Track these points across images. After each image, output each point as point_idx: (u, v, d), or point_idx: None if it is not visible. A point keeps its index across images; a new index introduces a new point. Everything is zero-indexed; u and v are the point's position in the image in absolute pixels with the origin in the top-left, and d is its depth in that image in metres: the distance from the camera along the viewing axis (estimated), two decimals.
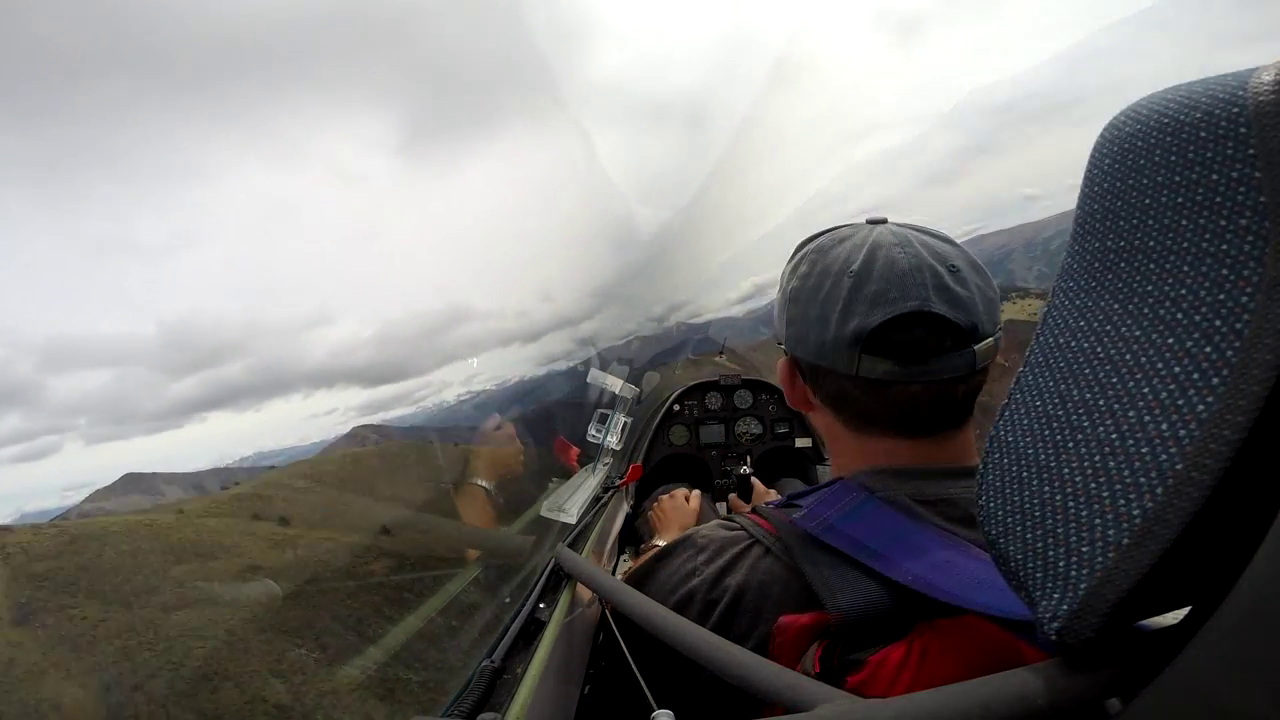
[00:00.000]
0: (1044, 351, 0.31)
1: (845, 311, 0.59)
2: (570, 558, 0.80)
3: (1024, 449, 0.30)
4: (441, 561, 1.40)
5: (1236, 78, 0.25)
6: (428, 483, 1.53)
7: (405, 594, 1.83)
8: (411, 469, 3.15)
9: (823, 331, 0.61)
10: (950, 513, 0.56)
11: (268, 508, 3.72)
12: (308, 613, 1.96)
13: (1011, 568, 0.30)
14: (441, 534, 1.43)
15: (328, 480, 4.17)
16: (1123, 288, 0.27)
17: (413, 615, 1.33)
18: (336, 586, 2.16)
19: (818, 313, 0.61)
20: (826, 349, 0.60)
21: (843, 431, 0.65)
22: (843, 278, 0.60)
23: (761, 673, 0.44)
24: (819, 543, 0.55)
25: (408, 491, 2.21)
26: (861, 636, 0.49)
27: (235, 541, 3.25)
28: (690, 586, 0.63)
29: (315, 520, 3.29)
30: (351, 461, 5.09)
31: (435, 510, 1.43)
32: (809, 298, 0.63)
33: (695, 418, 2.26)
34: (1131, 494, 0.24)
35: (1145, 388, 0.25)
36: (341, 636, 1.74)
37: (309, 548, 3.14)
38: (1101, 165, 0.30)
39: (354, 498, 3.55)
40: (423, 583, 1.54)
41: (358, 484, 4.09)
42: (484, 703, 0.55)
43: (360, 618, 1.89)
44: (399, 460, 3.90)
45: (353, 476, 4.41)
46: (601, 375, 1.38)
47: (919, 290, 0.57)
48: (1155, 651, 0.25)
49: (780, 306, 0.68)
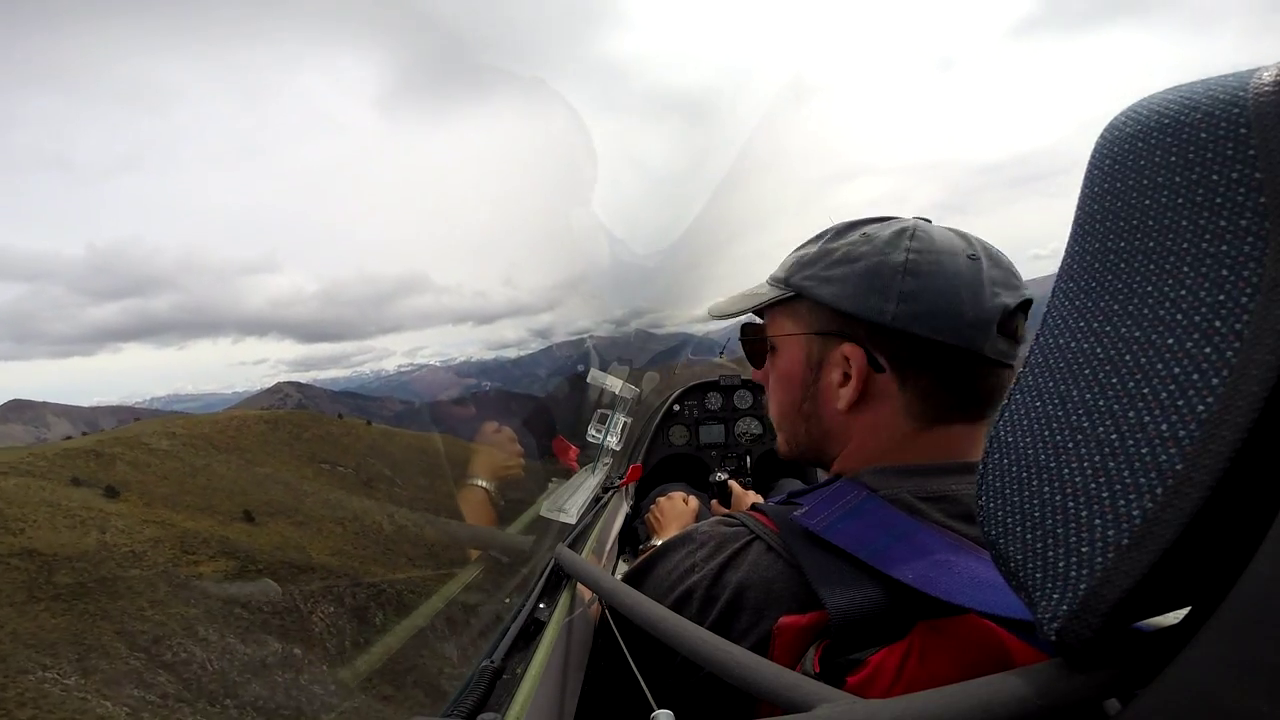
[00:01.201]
0: (1044, 352, 0.31)
1: (983, 289, 0.59)
2: (570, 558, 0.80)
3: (1024, 449, 0.30)
4: (299, 570, 1.38)
5: (1237, 78, 0.25)
6: (330, 463, 1.51)
7: (218, 613, 1.78)
8: (317, 444, 3.06)
9: (959, 308, 0.59)
10: (951, 510, 0.56)
11: (103, 471, 3.57)
12: (74, 624, 1.89)
13: (1011, 568, 0.30)
14: (311, 531, 1.41)
15: (212, 442, 4.06)
16: (1122, 288, 0.27)
17: (412, 615, 1.34)
18: (125, 594, 2.11)
19: (949, 287, 0.59)
20: (965, 325, 0.59)
21: (903, 425, 0.62)
22: (962, 258, 0.60)
23: (761, 672, 0.44)
24: (819, 540, 0.55)
25: (302, 470, 2.14)
26: (862, 636, 0.49)
27: (21, 514, 3.15)
28: (690, 583, 0.63)
29: (158, 495, 3.17)
30: (250, 424, 4.94)
31: (332, 496, 1.41)
32: (934, 271, 0.60)
33: (695, 418, 2.27)
34: (1131, 494, 0.24)
35: (1145, 388, 0.25)
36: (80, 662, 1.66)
37: (122, 533, 3.03)
38: (1101, 166, 0.30)
39: (230, 469, 3.44)
40: (260, 598, 1.50)
41: (247, 452, 3.99)
42: (484, 703, 0.55)
43: (101, 645, 1.80)
44: (305, 430, 3.80)
45: (241, 443, 4.29)
46: (601, 375, 1.38)
47: (1021, 281, 0.62)
48: (1155, 652, 0.25)
49: (869, 279, 0.61)
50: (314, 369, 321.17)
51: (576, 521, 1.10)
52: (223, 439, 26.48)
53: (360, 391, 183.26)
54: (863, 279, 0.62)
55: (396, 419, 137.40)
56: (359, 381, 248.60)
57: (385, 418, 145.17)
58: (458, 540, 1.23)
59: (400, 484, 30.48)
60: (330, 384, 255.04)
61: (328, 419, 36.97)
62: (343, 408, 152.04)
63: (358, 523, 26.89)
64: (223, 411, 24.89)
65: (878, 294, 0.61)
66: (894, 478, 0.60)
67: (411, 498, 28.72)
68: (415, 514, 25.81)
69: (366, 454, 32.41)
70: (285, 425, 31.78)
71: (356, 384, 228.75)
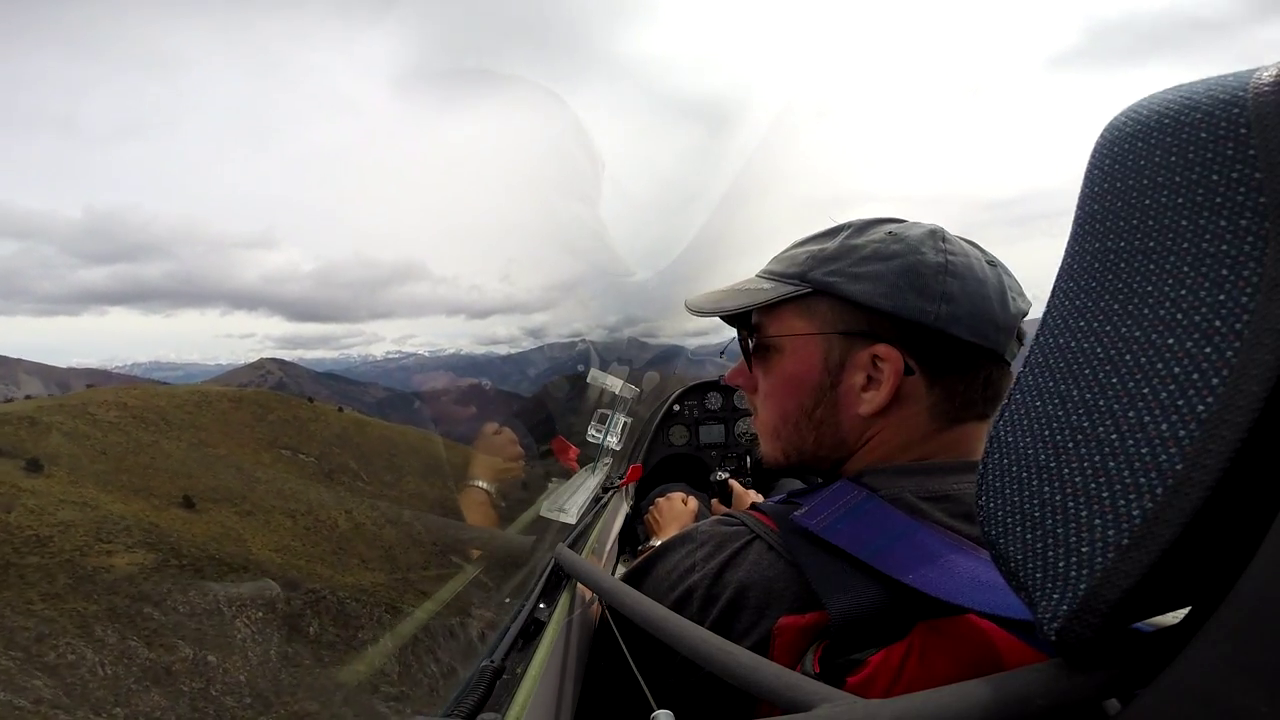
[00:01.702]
0: (1044, 352, 0.31)
1: (1005, 293, 0.62)
2: (570, 558, 0.80)
3: (1024, 449, 0.30)
4: (230, 568, 1.34)
5: (1236, 78, 0.25)
6: (292, 449, 1.46)
7: (124, 611, 1.66)
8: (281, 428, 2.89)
9: (989, 310, 0.60)
10: (953, 509, 0.56)
11: (34, 441, 3.36)
12: None
13: (1011, 568, 0.30)
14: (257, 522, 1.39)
15: (167, 417, 3.87)
16: (1122, 288, 0.27)
17: (412, 615, 1.34)
18: (14, 583, 1.99)
19: (979, 290, 0.60)
20: (995, 328, 0.60)
21: (924, 425, 0.62)
22: (984, 264, 0.62)
23: (761, 672, 0.44)
24: (819, 540, 0.55)
25: (260, 455, 2.03)
26: (862, 636, 0.49)
27: None
28: (690, 582, 0.62)
29: (89, 472, 2.98)
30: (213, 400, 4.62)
31: (289, 486, 1.38)
32: (967, 274, 0.60)
33: (695, 418, 2.27)
34: (1131, 494, 0.24)
35: (1145, 388, 0.25)
36: None
37: (31, 514, 2.87)
38: (1102, 165, 0.30)
39: (179, 449, 3.26)
40: (177, 596, 1.43)
41: (202, 430, 3.77)
42: (484, 703, 0.55)
43: None
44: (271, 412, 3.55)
45: (199, 420, 4.00)
46: (601, 375, 1.38)
47: (1023, 288, 0.65)
48: (1155, 652, 0.25)
49: (910, 279, 0.59)
50: (301, 348, 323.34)
51: (576, 521, 1.10)
52: (179, 415, 24.56)
53: (345, 375, 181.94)
54: (901, 277, 0.59)
55: (378, 406, 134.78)
56: (345, 364, 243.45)
57: (366, 404, 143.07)
58: (458, 540, 1.23)
59: (365, 478, 28.78)
60: (316, 364, 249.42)
61: (297, 402, 33.87)
62: (324, 389, 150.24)
63: (310, 517, 24.73)
64: (185, 385, 22.85)
65: (917, 293, 0.59)
66: (895, 477, 0.60)
67: (376, 493, 27.22)
68: (376, 511, 24.15)
69: (334, 442, 30.15)
70: (250, 405, 29.68)
71: (343, 366, 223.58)
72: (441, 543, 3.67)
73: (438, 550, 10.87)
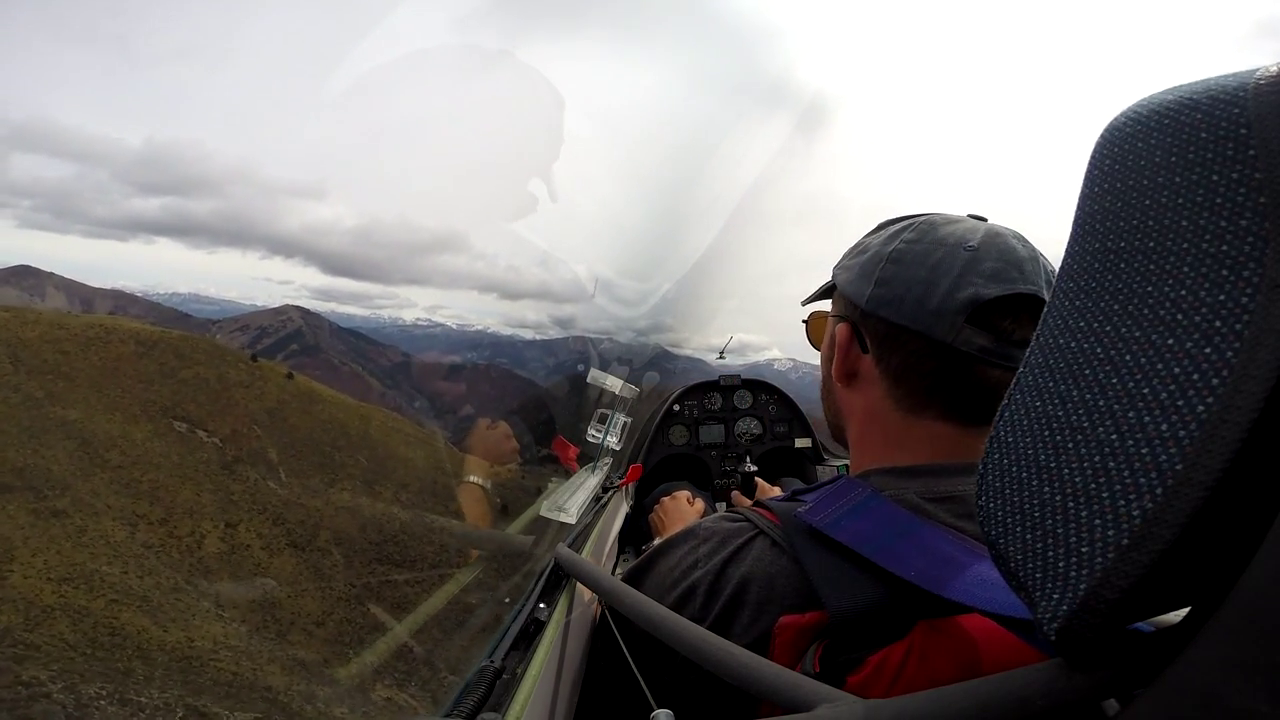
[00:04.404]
0: (1043, 352, 0.31)
1: (960, 280, 0.59)
2: (570, 557, 0.80)
3: (1023, 449, 0.30)
4: None
5: (1236, 78, 0.25)
6: (190, 422, 1.27)
7: None
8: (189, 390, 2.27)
9: (926, 295, 0.60)
10: (958, 509, 0.56)
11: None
12: None
13: (1011, 568, 0.30)
14: (64, 530, 1.28)
15: (38, 352, 3.14)
16: (1122, 288, 0.27)
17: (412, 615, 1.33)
18: None
19: (924, 275, 0.61)
20: (928, 313, 0.60)
21: (888, 411, 0.64)
22: (958, 250, 0.61)
23: (761, 672, 0.44)
24: (822, 537, 0.55)
25: (137, 425, 1.60)
26: (862, 634, 0.49)
27: None
28: (693, 579, 0.63)
29: None
30: (116, 338, 3.58)
31: (152, 478, 1.21)
32: (915, 261, 0.62)
33: (695, 418, 2.27)
34: (1131, 494, 0.24)
35: (1145, 388, 0.25)
36: None
37: None
38: (1101, 166, 0.30)
39: (7, 403, 2.70)
40: None
41: (68, 379, 3.07)
42: (484, 703, 0.55)
43: None
44: (186, 367, 2.75)
45: (74, 363, 3.26)
46: (601, 375, 1.38)
47: (1034, 277, 0.59)
48: (1155, 652, 0.25)
49: (863, 268, 0.66)
50: (335, 301, 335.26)
51: (576, 521, 1.10)
52: (50, 352, 16.07)
53: (369, 334, 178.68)
54: (862, 266, 0.67)
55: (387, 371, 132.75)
56: (374, 324, 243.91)
57: (380, 366, 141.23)
58: (458, 539, 1.23)
59: (283, 475, 18.36)
60: (345, 319, 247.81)
61: (233, 355, 22.97)
62: (341, 344, 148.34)
63: (164, 528, 16.69)
64: (90, 316, 15.31)
65: (865, 279, 0.65)
66: (900, 479, 0.60)
67: (288, 500, 17.19)
68: (278, 528, 15.21)
69: (259, 420, 20.82)
70: (164, 354, 19.99)
71: (371, 325, 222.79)
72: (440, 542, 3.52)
73: (353, 595, 7.43)
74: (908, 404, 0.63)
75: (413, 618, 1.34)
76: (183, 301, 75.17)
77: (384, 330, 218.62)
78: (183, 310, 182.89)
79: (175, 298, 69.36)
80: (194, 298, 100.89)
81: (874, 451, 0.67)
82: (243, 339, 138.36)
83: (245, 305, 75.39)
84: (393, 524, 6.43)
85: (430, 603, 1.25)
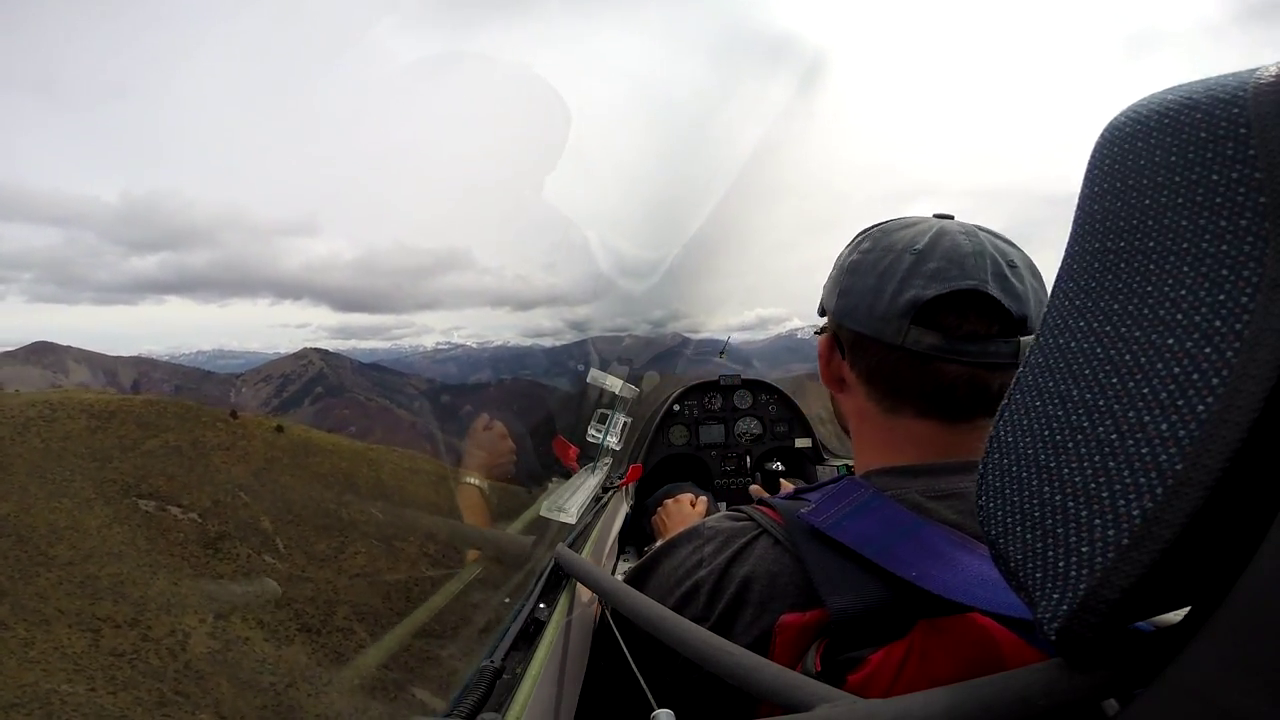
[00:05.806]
0: (1043, 352, 0.31)
1: (902, 283, 0.61)
2: (570, 558, 0.80)
3: (1023, 449, 0.30)
4: None
5: (1236, 78, 0.25)
6: (160, 499, 1.20)
7: None
8: (155, 462, 2.07)
9: (875, 302, 0.62)
10: (961, 506, 0.56)
11: None
12: None
13: (1011, 568, 0.30)
14: None
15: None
16: (1122, 288, 0.27)
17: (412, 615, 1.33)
18: None
19: (873, 284, 0.63)
20: (876, 318, 0.62)
21: (874, 413, 0.66)
22: (904, 254, 0.62)
23: (761, 672, 0.44)
24: (823, 537, 0.56)
25: (93, 509, 1.47)
26: (863, 634, 0.49)
27: None
28: (698, 577, 0.63)
29: None
30: (66, 418, 3.25)
31: (115, 571, 1.10)
32: (867, 270, 0.65)
33: (695, 418, 2.27)
34: (1131, 494, 0.24)
35: (1145, 388, 0.25)
36: None
37: None
38: (1102, 165, 0.30)
39: None
40: None
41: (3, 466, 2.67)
42: (484, 703, 0.55)
43: None
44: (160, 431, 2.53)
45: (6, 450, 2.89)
46: (601, 375, 1.38)
47: (978, 272, 0.59)
48: (1155, 652, 0.25)
49: (833, 281, 0.70)
50: (354, 338, 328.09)
51: (576, 521, 1.10)
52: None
53: (392, 366, 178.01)
54: (833, 279, 0.71)
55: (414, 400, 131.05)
56: (395, 355, 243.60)
57: (407, 396, 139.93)
58: (458, 540, 1.23)
59: (280, 547, 15.15)
60: (367, 355, 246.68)
61: (209, 414, 19.73)
62: (365, 380, 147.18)
63: (136, 630, 13.10)
64: (30, 393, 12.39)
65: (832, 291, 0.70)
66: (902, 478, 0.60)
67: (290, 574, 14.27)
68: (284, 608, 12.64)
69: (244, 485, 17.80)
70: (124, 424, 16.87)
71: (393, 357, 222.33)
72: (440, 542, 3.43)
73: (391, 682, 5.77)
74: (886, 405, 0.65)
75: (413, 618, 1.34)
76: (208, 360, 74.97)
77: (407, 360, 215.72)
78: (206, 369, 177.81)
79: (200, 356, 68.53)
80: (219, 354, 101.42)
81: (872, 451, 0.68)
82: (267, 390, 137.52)
83: (269, 354, 75.07)
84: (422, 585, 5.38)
85: (430, 603, 1.25)
